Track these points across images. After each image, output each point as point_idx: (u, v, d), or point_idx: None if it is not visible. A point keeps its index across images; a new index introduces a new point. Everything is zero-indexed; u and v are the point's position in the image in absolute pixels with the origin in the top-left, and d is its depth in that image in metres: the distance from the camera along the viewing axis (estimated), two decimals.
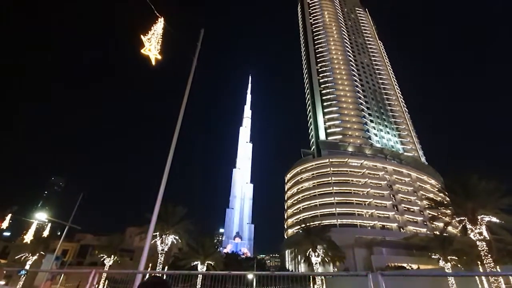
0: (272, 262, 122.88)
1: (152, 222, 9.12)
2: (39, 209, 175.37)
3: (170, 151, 9.84)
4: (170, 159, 9.72)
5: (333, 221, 65.22)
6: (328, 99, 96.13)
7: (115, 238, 42.89)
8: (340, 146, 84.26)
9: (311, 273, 40.95)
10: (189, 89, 11.26)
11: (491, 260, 20.60)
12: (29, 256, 42.95)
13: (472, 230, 21.62)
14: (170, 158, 9.73)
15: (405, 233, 64.46)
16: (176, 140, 10.15)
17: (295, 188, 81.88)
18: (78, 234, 60.45)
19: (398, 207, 70.91)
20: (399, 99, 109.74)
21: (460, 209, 22.86)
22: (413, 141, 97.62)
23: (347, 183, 74.20)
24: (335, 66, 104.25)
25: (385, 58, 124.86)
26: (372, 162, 78.75)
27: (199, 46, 12.32)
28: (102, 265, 40.17)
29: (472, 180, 22.90)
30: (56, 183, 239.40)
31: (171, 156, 9.78)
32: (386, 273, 4.07)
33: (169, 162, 9.66)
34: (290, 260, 66.40)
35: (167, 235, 31.46)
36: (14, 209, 48.02)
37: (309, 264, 35.64)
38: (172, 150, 9.90)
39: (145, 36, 10.25)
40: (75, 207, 30.46)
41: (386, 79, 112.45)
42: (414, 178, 78.98)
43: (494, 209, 21.82)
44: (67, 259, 54.92)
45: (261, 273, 6.41)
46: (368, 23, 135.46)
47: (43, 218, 49.83)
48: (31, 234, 56.58)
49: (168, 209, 31.81)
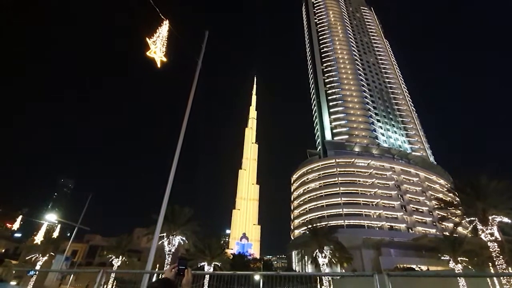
0: (279, 263, 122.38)
1: (159, 223, 9.19)
2: (49, 210, 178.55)
3: (176, 152, 9.91)
4: (176, 160, 9.79)
5: (340, 222, 64.69)
6: (334, 99, 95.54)
7: (123, 239, 43.31)
8: (346, 146, 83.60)
9: (317, 274, 40.69)
10: (194, 91, 11.34)
11: (503, 261, 20.13)
12: (40, 257, 43.67)
13: (483, 230, 21.16)
14: (176, 159, 9.79)
15: (414, 234, 63.53)
16: (182, 140, 10.21)
17: (301, 189, 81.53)
18: (87, 235, 61.38)
19: (406, 207, 69.94)
20: (406, 98, 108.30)
21: (471, 209, 22.41)
22: (421, 141, 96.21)
23: (354, 183, 73.55)
24: (341, 65, 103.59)
25: (392, 57, 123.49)
26: (379, 162, 77.90)
27: (204, 48, 12.40)
28: (111, 265, 40.62)
29: (482, 179, 22.43)
30: (66, 185, 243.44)
31: (177, 157, 9.85)
32: (392, 274, 4.03)
33: (175, 163, 9.72)
34: (297, 261, 66.07)
35: (174, 236, 31.64)
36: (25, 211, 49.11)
37: (316, 265, 35.38)
38: (178, 151, 9.96)
39: (150, 38, 10.37)
40: (84, 208, 30.93)
41: (392, 78, 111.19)
42: (422, 178, 77.82)
43: (506, 209, 21.30)
44: (77, 259, 55.80)
45: (266, 273, 6.40)
46: (374, 22, 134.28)
47: (53, 219, 50.75)
48: (41, 235, 57.59)
49: (175, 210, 32.02)
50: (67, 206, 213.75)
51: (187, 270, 2.49)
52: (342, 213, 67.34)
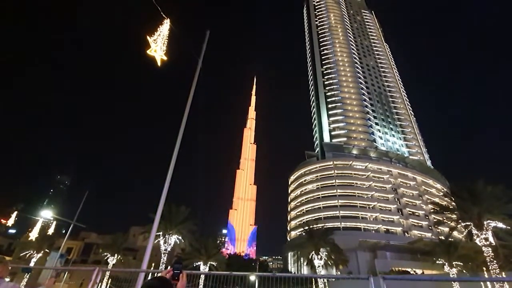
0: (275, 264, 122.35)
1: (156, 222, 9.16)
2: (44, 207, 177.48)
3: (174, 151, 9.89)
4: (174, 159, 9.77)
5: (336, 224, 64.83)
6: (333, 101, 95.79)
7: (118, 237, 43.24)
8: (344, 148, 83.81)
9: (313, 275, 40.75)
10: (194, 90, 11.32)
11: (496, 266, 20.28)
12: (34, 254, 43.43)
13: (478, 235, 21.32)
14: (174, 159, 9.77)
15: (409, 237, 63.76)
16: (180, 140, 10.18)
17: (298, 190, 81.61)
18: (82, 232, 61.00)
19: (402, 211, 70.22)
20: (405, 102, 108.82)
21: (466, 214, 22.56)
22: (419, 145, 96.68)
23: (351, 186, 73.74)
24: (340, 68, 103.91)
25: (391, 61, 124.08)
26: (377, 165, 78.16)
27: (204, 48, 12.40)
28: (106, 263, 40.49)
29: (478, 185, 22.61)
30: (62, 181, 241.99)
31: (175, 157, 9.83)
32: (388, 277, 4.05)
33: (173, 162, 9.70)
34: (293, 263, 66.17)
35: (170, 235, 31.61)
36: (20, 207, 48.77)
37: (312, 267, 35.48)
38: (176, 150, 9.95)
39: (151, 37, 10.37)
40: (80, 205, 30.73)
41: (392, 81, 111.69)
42: (419, 182, 78.18)
43: (500, 215, 21.48)
44: (72, 257, 55.45)
45: (262, 274, 6.42)
46: (374, 25, 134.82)
47: (48, 216, 50.49)
48: (36, 231, 57.27)
49: (172, 209, 32.00)
50: (63, 203, 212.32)
51: (182, 275, 2.48)
52: (338, 215, 67.48)
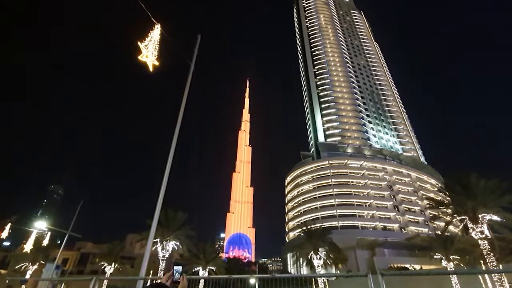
0: (274, 266, 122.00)
1: (153, 228, 9.06)
2: (38, 218, 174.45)
3: (169, 156, 9.82)
4: (169, 164, 9.70)
5: (334, 223, 65.06)
6: (326, 101, 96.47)
7: (115, 245, 42.61)
8: (339, 147, 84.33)
9: (313, 275, 40.75)
10: (187, 94, 11.28)
11: (493, 258, 20.52)
12: (29, 266, 42.59)
13: (473, 229, 21.54)
14: (169, 163, 9.70)
15: (406, 233, 64.29)
16: (175, 145, 10.13)
17: (295, 191, 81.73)
18: (78, 242, 59.96)
19: (399, 207, 70.81)
20: (397, 100, 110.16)
21: (461, 208, 22.79)
22: (412, 141, 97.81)
23: (347, 184, 74.16)
24: (332, 68, 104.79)
25: (382, 59, 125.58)
26: (372, 163, 78.80)
27: (196, 52, 12.39)
28: (103, 273, 39.88)
29: (472, 178, 22.85)
30: (56, 191, 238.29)
31: (170, 161, 9.76)
32: (386, 273, 4.08)
33: (168, 167, 9.63)
34: (292, 264, 66.07)
35: (168, 241, 31.26)
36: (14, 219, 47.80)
37: (311, 267, 35.48)
38: (172, 155, 9.88)
39: (142, 42, 10.32)
40: (75, 215, 30.23)
41: (383, 80, 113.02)
42: (414, 178, 79.00)
43: (495, 208, 21.74)
44: (68, 267, 54.42)
45: (262, 276, 6.38)
46: (364, 25, 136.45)
47: (42, 226, 49.57)
48: (31, 243, 56.15)
49: (169, 215, 31.67)
50: (57, 213, 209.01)
51: (182, 276, 2.49)
52: (336, 214, 67.74)
